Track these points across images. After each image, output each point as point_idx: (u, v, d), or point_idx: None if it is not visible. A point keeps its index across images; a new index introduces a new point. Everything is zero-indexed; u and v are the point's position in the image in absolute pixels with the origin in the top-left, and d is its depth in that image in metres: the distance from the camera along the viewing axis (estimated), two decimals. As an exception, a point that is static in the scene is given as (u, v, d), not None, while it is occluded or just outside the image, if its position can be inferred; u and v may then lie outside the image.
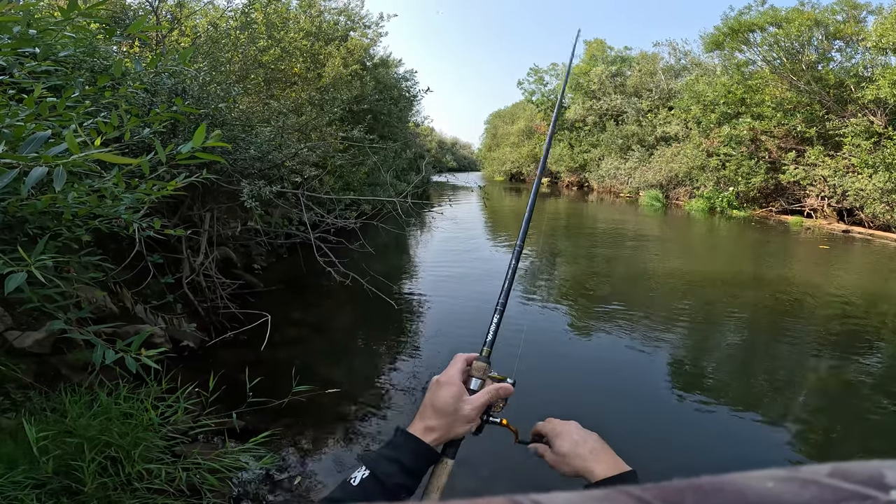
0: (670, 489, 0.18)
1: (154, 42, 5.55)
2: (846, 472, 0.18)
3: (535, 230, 11.05)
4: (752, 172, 15.44)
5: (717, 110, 16.57)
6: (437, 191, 22.88)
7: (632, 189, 22.19)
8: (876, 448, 3.12)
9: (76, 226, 2.09)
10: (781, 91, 14.67)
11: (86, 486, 1.67)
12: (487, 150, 43.80)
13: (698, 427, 3.39)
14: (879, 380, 4.13)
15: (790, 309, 6.09)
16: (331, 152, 7.17)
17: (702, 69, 20.29)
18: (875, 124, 12.17)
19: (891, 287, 7.37)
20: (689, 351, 4.84)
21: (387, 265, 7.55)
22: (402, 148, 11.77)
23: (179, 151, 1.54)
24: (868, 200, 12.09)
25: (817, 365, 4.45)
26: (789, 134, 14.88)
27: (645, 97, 23.14)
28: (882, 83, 11.53)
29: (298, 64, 8.03)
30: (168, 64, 3.54)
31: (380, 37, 13.48)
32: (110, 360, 1.58)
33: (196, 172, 2.41)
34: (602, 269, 8.54)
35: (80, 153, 1.18)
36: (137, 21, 1.62)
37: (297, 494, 2.45)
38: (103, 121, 1.67)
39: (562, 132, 28.07)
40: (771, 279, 7.64)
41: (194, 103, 3.89)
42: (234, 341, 4.03)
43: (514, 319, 5.18)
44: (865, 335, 5.16)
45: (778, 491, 0.17)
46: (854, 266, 9.04)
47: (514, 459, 2.45)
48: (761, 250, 10.67)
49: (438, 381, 0.71)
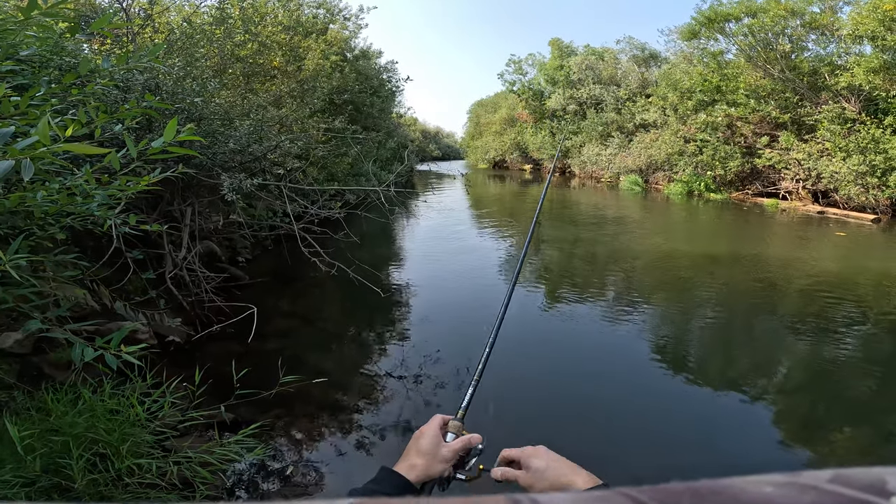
0: (667, 492, 0.18)
1: (127, 39, 5.41)
2: (847, 479, 0.18)
3: (523, 222, 11.10)
4: (728, 157, 15.82)
5: (693, 98, 16.92)
6: (422, 179, 22.82)
7: (612, 174, 22.62)
8: (856, 423, 3.26)
9: (49, 224, 2.04)
10: (756, 79, 14.96)
11: (76, 483, 1.66)
12: (471, 139, 43.77)
13: (681, 407, 3.47)
14: (857, 356, 4.29)
15: (768, 287, 6.27)
16: (313, 144, 7.13)
17: (679, 57, 20.70)
18: (848, 110, 12.48)
19: (869, 266, 7.62)
20: (672, 330, 4.96)
21: (373, 254, 7.55)
22: (385, 138, 11.79)
23: (152, 146, 1.52)
24: (842, 183, 12.43)
25: (797, 342, 4.60)
26: (764, 120, 15.22)
27: (623, 86, 23.61)
28: (857, 71, 11.80)
29: (278, 57, 7.94)
30: (138, 60, 3.44)
31: (360, 29, 13.49)
32: (89, 357, 1.57)
33: (172, 167, 2.37)
34: (584, 251, 8.67)
35: (50, 144, 1.16)
36: (102, 18, 1.59)
37: (291, 484, 2.47)
38: (71, 118, 1.63)
39: (543, 121, 28.81)
40: (749, 258, 7.85)
41: (169, 99, 3.82)
42: (220, 334, 3.99)
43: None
44: (844, 312, 5.34)
45: (776, 496, 0.17)
46: (830, 246, 9.33)
47: None
48: (739, 231, 10.94)
49: (421, 431, 0.81)
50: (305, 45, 9.30)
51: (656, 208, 15.16)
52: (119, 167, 1.55)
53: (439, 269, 7.12)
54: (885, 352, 4.39)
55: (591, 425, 3.18)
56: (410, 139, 21.11)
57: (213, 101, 4.89)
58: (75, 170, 1.97)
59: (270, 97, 6.62)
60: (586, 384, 3.76)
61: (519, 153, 34.40)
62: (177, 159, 3.64)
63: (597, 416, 3.29)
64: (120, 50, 5.14)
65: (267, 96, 6.48)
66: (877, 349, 4.46)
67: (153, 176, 1.87)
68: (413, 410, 3.29)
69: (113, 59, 2.36)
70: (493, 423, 2.99)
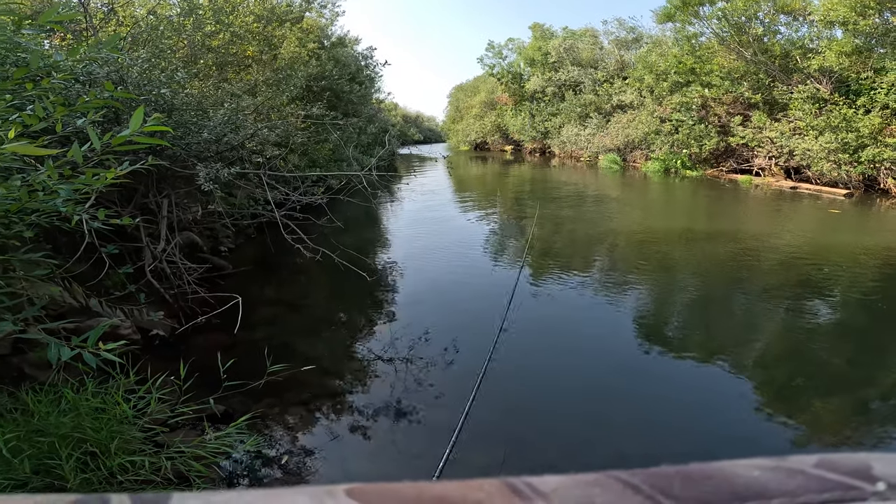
0: (659, 475, 0.19)
1: (88, 34, 5.18)
2: (833, 463, 0.19)
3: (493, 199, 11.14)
4: (703, 136, 16.24)
5: (668, 79, 17.32)
6: (405, 162, 22.66)
7: (591, 154, 23.03)
8: (835, 391, 3.40)
9: (13, 223, 1.97)
10: (729, 61, 15.31)
11: (69, 483, 1.63)
12: (452, 122, 43.83)
13: (664, 378, 3.55)
14: (833, 326, 4.46)
15: (745, 259, 6.44)
16: (292, 131, 7.02)
17: (652, 40, 21.04)
18: (821, 91, 12.80)
19: (840, 238, 7.88)
20: (656, 307, 5.06)
21: (357, 238, 7.51)
22: (366, 123, 11.75)
23: (117, 137, 1.47)
24: (815, 160, 12.77)
25: (775, 312, 4.74)
26: (737, 100, 15.59)
27: (600, 68, 23.87)
28: (828, 54, 12.16)
29: (252, 47, 7.76)
30: (95, 52, 3.30)
31: (337, 16, 13.50)
32: (66, 357, 1.53)
33: (142, 159, 2.29)
34: (568, 228, 8.78)
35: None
36: (49, 10, 1.51)
37: (286, 471, 2.47)
38: (28, 114, 1.56)
39: (522, 103, 29.13)
40: (725, 232, 8.05)
41: (135, 90, 3.69)
42: (206, 326, 3.93)
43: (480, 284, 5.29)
44: (819, 283, 5.53)
45: (764, 480, 0.18)
46: (805, 219, 9.62)
47: (507, 445, 2.55)
48: (715, 206, 11.23)
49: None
50: (280, 34, 9.12)
51: (635, 185, 15.42)
52: (82, 161, 1.50)
53: (424, 250, 7.14)
54: (871, 320, 4.58)
55: (577, 404, 3.25)
56: (391, 124, 21.05)
57: (183, 92, 4.77)
58: (38, 165, 1.89)
59: (245, 86, 6.47)
60: (571, 363, 3.83)
61: (500, 135, 34.66)
62: (147, 151, 3.53)
63: (582, 395, 3.36)
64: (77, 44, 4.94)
65: (242, 85, 6.34)
66: (862, 318, 4.64)
67: (121, 169, 1.80)
68: (404, 390, 3.32)
69: (64, 53, 2.26)
70: (478, 405, 3.03)
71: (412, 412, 3.07)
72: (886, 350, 3.96)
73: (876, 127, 11.30)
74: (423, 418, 3.00)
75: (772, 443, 2.77)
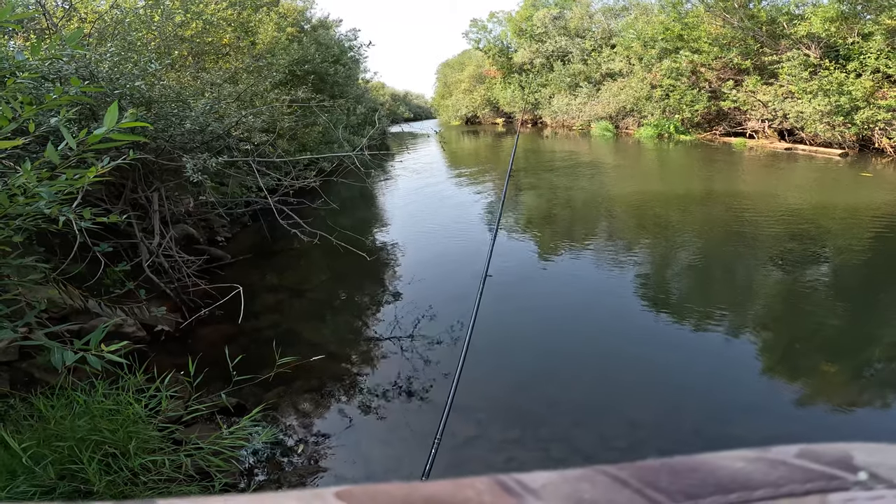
0: (646, 468, 0.19)
1: (50, 32, 4.98)
2: (814, 454, 0.19)
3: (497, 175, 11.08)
4: (694, 101, 16.15)
5: (656, 46, 17.17)
6: (397, 141, 22.39)
7: (583, 122, 22.86)
8: (832, 353, 3.45)
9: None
10: (716, 28, 15.11)
11: (94, 486, 1.65)
12: (441, 98, 43.33)
13: (664, 343, 3.58)
14: (831, 286, 4.49)
15: (743, 220, 6.45)
16: (278, 116, 6.90)
17: (640, 8, 20.71)
18: (812, 57, 12.69)
19: (838, 198, 7.90)
20: (652, 268, 5.08)
21: (354, 219, 7.48)
22: (353, 104, 11.62)
23: (93, 134, 1.43)
24: (808, 122, 12.74)
25: (773, 274, 4.79)
26: (727, 66, 15.47)
27: (588, 37, 23.49)
28: (814, 20, 12.05)
29: (227, 34, 7.52)
30: (58, 49, 3.17)
31: None
32: (70, 361, 1.51)
33: (124, 155, 2.23)
34: (563, 196, 8.80)
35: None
36: (3, 10, 1.44)
37: (305, 458, 2.51)
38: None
39: (511, 75, 28.76)
40: (722, 194, 8.08)
41: (107, 85, 3.58)
42: (210, 317, 3.93)
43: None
44: (816, 244, 5.56)
45: (748, 471, 0.18)
46: (803, 179, 9.63)
47: (496, 442, 2.58)
48: (710, 169, 11.24)
49: None
50: (257, 20, 8.86)
51: (629, 151, 15.37)
52: (58, 160, 1.46)
53: (422, 226, 7.14)
54: (866, 279, 4.63)
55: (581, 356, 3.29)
56: (380, 103, 20.78)
57: (160, 84, 4.65)
58: (17, 168, 1.84)
59: (225, 74, 6.31)
60: (572, 320, 3.87)
61: (490, 108, 34.35)
62: (129, 146, 3.44)
63: (575, 373, 3.32)
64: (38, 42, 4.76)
65: (221, 74, 6.19)
66: (857, 278, 4.70)
67: (102, 166, 1.75)
68: (412, 369, 3.35)
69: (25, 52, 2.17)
70: (465, 386, 3.07)
71: (421, 391, 3.10)
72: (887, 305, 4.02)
73: (868, 90, 11.32)
74: (432, 396, 3.04)
75: (770, 413, 2.84)
